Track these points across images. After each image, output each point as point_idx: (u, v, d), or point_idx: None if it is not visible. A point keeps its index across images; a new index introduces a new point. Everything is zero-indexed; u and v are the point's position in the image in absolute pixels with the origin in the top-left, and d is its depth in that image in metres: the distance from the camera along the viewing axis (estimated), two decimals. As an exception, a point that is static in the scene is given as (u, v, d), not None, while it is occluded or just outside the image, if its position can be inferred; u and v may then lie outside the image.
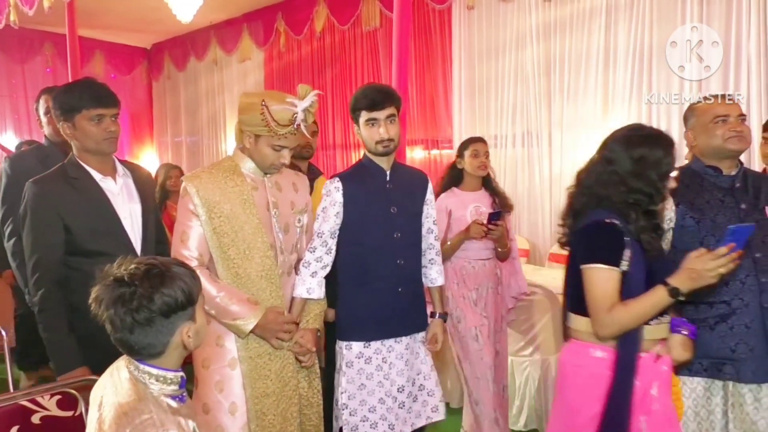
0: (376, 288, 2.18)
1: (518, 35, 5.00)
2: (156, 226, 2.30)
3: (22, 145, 4.02)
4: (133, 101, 8.70)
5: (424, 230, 2.30)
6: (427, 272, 2.33)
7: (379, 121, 2.11)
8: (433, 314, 2.33)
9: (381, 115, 2.11)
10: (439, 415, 2.26)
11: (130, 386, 1.24)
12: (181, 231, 1.94)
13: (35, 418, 1.70)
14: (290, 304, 2.09)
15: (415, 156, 5.87)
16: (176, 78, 8.44)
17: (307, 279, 2.10)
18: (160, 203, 4.61)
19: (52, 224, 2.00)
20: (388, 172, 2.21)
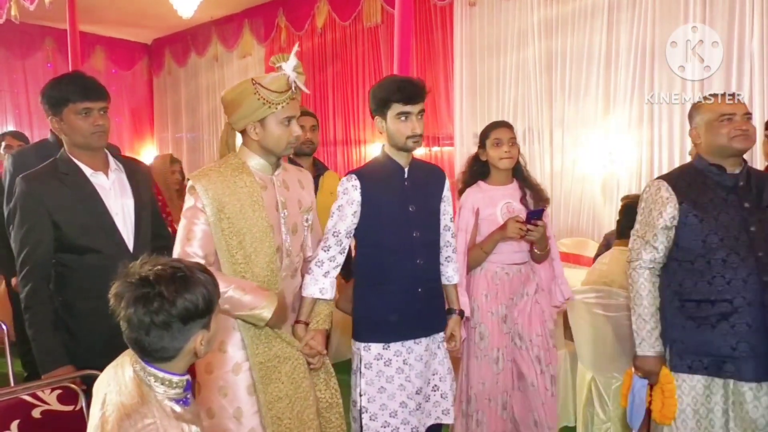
0: (395, 288, 2.11)
1: (520, 33, 4.99)
2: (155, 220, 2.26)
3: (4, 136, 4.21)
4: (133, 97, 8.70)
5: (440, 227, 2.24)
6: (444, 270, 2.26)
7: (411, 115, 2.03)
8: (450, 311, 2.27)
9: (414, 109, 2.03)
10: (449, 419, 2.21)
11: (134, 387, 1.23)
12: (188, 230, 1.85)
13: (36, 413, 1.70)
14: (300, 304, 2.04)
15: (416, 153, 5.86)
16: (177, 74, 8.43)
17: (320, 278, 2.03)
18: None
19: (41, 220, 1.98)
20: (407, 170, 2.14)
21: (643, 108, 4.35)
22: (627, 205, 3.02)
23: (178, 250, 1.86)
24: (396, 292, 2.11)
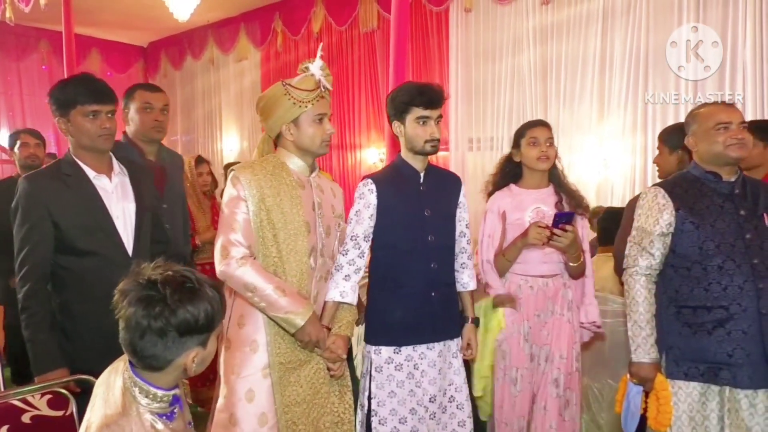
0: (408, 292, 2.10)
1: (515, 38, 5.02)
2: (155, 226, 2.24)
3: (19, 134, 3.74)
4: (129, 99, 8.68)
5: (456, 233, 2.22)
6: (459, 276, 2.24)
7: (430, 120, 2.06)
8: (465, 319, 2.23)
9: (434, 114, 2.06)
10: (465, 431, 2.17)
11: (120, 396, 1.22)
12: (231, 219, 1.86)
13: (25, 418, 1.68)
14: (322, 309, 2.02)
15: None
16: (173, 76, 8.42)
17: (340, 282, 2.02)
18: None
19: (41, 221, 1.96)
20: (422, 174, 2.15)
21: (637, 114, 4.38)
22: (607, 212, 3.04)
23: (223, 239, 1.86)
24: (409, 295, 2.11)
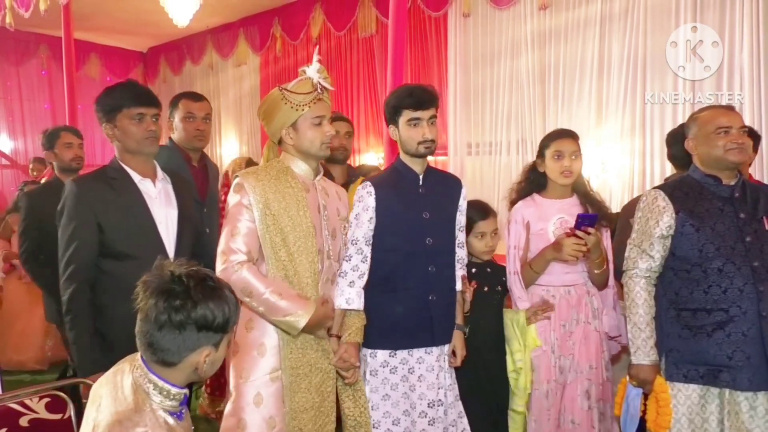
0: (406, 295, 2.09)
1: (513, 43, 5.03)
2: (196, 237, 2.23)
3: (59, 133, 3.24)
4: (128, 104, 8.69)
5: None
6: None
7: (422, 121, 2.05)
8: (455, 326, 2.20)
9: (425, 115, 2.05)
10: (457, 431, 2.14)
11: (131, 393, 1.23)
12: (233, 226, 1.86)
13: (23, 421, 1.68)
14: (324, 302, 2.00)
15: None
16: (172, 81, 8.43)
17: (345, 289, 2.02)
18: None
19: (87, 222, 1.99)
20: (422, 177, 2.14)
21: (635, 117, 4.39)
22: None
23: (223, 244, 1.87)
24: (407, 298, 2.10)
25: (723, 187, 1.99)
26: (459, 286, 2.25)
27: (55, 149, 3.15)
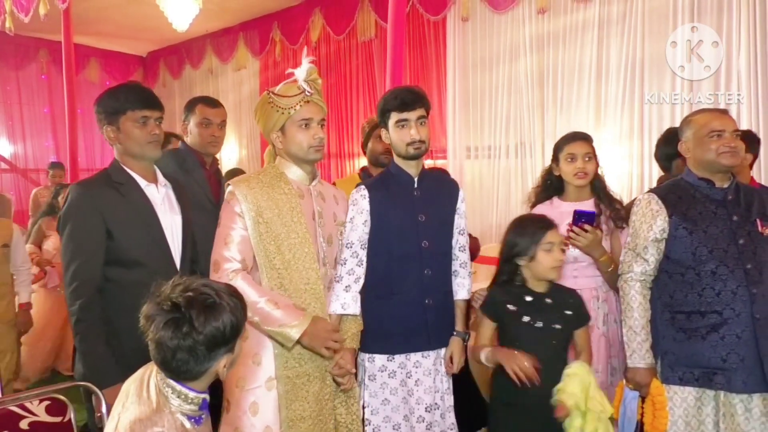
0: (402, 299, 2.08)
1: (512, 47, 5.04)
2: (191, 243, 2.18)
3: (170, 139, 3.26)
4: (127, 109, 8.69)
5: (452, 240, 2.19)
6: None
7: (409, 122, 2.04)
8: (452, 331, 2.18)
9: (412, 116, 2.03)
10: None
11: (155, 394, 1.27)
12: (225, 234, 1.85)
13: (23, 424, 1.68)
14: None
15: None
16: (171, 86, 8.44)
17: (341, 294, 2.00)
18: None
19: (96, 229, 1.91)
20: (416, 179, 2.13)
21: (633, 121, 4.40)
22: None
23: (216, 253, 1.85)
24: (403, 302, 2.09)
25: (716, 190, 2.00)
26: (465, 295, 2.22)
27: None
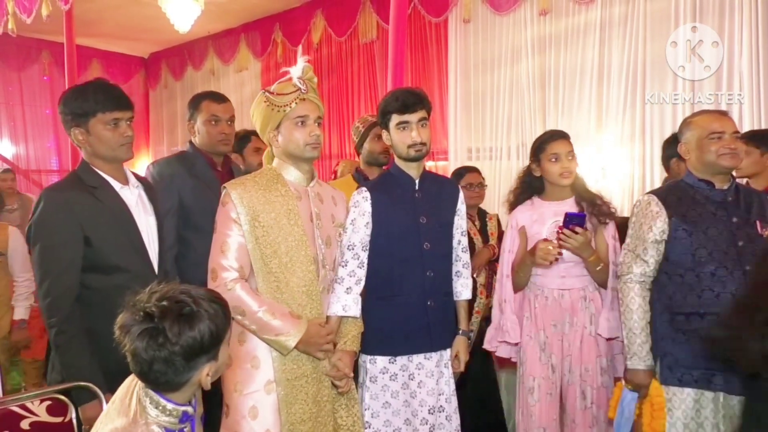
0: (404, 301, 2.08)
1: (514, 49, 5.04)
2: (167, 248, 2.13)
3: (249, 137, 3.33)
4: (129, 110, 8.71)
5: (453, 241, 2.20)
6: (453, 285, 2.22)
7: (411, 124, 2.03)
8: (456, 330, 2.21)
9: (413, 118, 2.03)
10: None
11: (134, 404, 1.24)
12: (222, 241, 1.82)
13: (24, 424, 1.69)
14: (326, 323, 1.98)
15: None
16: (173, 87, 8.45)
17: (342, 296, 1.99)
18: None
19: (72, 237, 1.82)
20: (417, 181, 2.13)
21: (635, 123, 4.40)
22: None
23: (213, 261, 1.83)
24: (405, 304, 2.09)
25: (716, 192, 2.00)
26: (468, 295, 2.24)
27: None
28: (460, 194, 2.25)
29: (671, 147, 2.69)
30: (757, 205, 2.00)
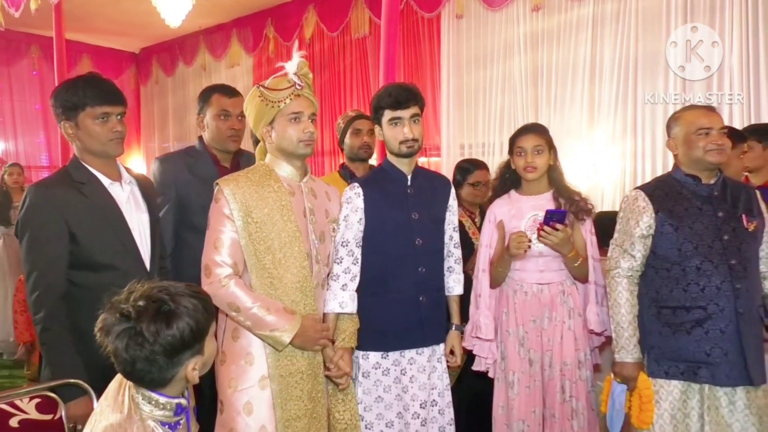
0: (396, 297, 2.08)
1: (506, 45, 5.05)
2: (160, 245, 2.10)
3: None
4: (120, 105, 8.65)
5: (445, 237, 2.20)
6: (445, 280, 2.22)
7: (403, 120, 2.03)
8: (450, 325, 2.22)
9: (405, 114, 2.03)
10: None
11: (127, 400, 1.24)
12: (215, 237, 1.81)
13: (13, 422, 1.67)
14: (322, 321, 1.97)
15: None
16: (164, 83, 8.40)
17: (338, 293, 1.99)
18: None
19: (57, 234, 1.80)
20: (409, 177, 2.12)
21: (626, 120, 4.42)
22: (597, 217, 3.03)
23: (207, 258, 1.82)
24: (397, 300, 2.09)
25: (703, 186, 2.02)
26: (461, 291, 2.25)
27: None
28: (452, 190, 2.25)
29: None
30: (744, 198, 2.02)
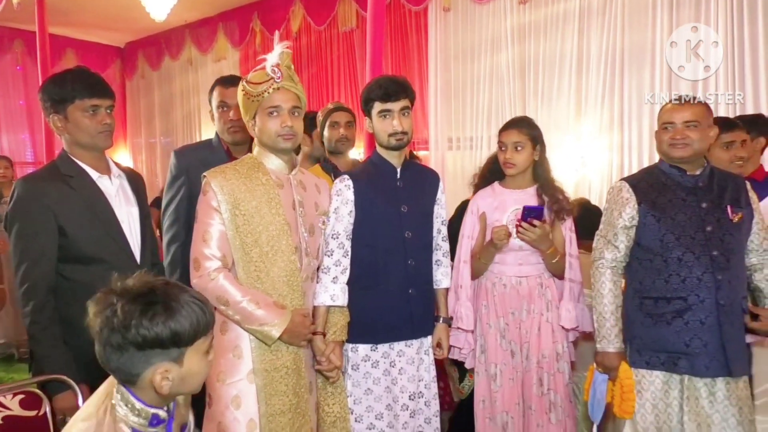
0: (386, 289, 2.09)
1: (493, 38, 5.05)
2: (151, 239, 2.09)
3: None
4: (106, 101, 8.56)
5: (433, 230, 2.21)
6: (433, 273, 2.23)
7: (392, 113, 2.03)
8: (436, 318, 2.22)
9: (395, 106, 2.03)
10: (430, 429, 2.16)
11: (108, 400, 1.20)
12: (203, 230, 1.80)
13: (-4, 418, 1.66)
14: (312, 314, 1.97)
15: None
16: (150, 77, 8.34)
17: (329, 285, 1.99)
18: None
19: (45, 227, 1.81)
20: (399, 170, 2.13)
21: (613, 112, 4.44)
22: (584, 209, 3.05)
23: (196, 251, 1.81)
24: (387, 293, 2.09)
25: (687, 177, 2.03)
26: (448, 284, 2.26)
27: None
28: (440, 183, 2.26)
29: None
30: (731, 189, 2.02)
